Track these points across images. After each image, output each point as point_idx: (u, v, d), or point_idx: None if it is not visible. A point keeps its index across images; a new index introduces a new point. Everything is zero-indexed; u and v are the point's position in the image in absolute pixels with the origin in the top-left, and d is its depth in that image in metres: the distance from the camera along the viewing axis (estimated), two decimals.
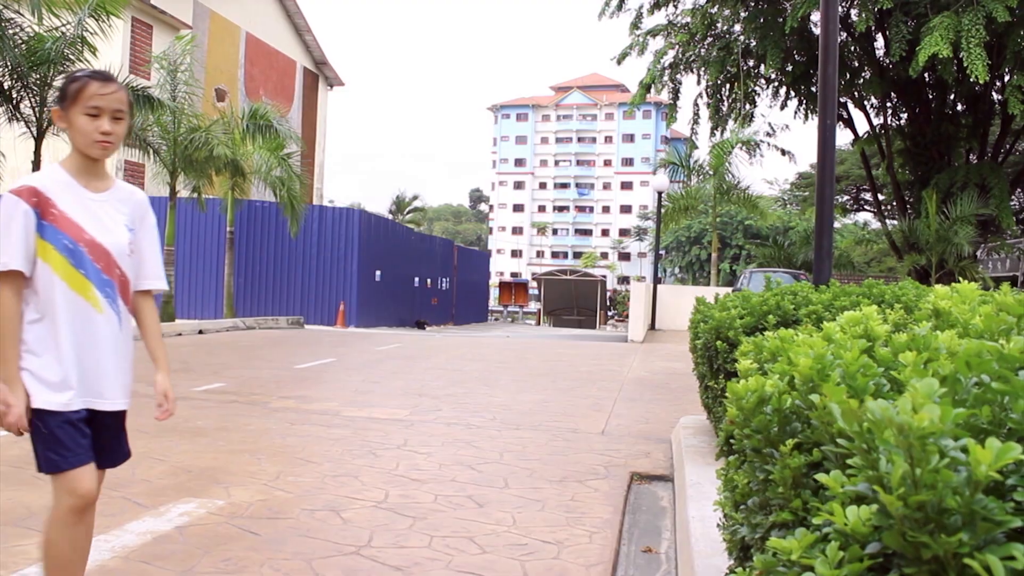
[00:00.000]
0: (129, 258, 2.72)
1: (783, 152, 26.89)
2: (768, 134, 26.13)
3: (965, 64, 15.64)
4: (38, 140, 13.49)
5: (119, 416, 2.79)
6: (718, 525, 2.56)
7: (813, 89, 20.61)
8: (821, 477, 0.98)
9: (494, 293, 55.95)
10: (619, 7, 21.13)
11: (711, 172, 27.09)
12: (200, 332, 17.73)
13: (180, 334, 16.88)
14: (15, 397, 2.53)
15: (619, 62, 22.20)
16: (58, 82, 13.22)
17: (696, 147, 26.61)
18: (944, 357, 1.01)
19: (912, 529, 0.69)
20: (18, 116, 13.34)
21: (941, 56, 15.59)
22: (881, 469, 0.73)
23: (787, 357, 1.62)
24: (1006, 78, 17.50)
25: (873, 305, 1.91)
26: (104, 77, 2.64)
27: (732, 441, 2.33)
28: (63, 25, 13.10)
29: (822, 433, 1.19)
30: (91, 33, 13.27)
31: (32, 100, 13.24)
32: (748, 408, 1.50)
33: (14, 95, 13.10)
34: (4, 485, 4.89)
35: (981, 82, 15.97)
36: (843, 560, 0.85)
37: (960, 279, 1.92)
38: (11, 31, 12.37)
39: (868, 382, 1.21)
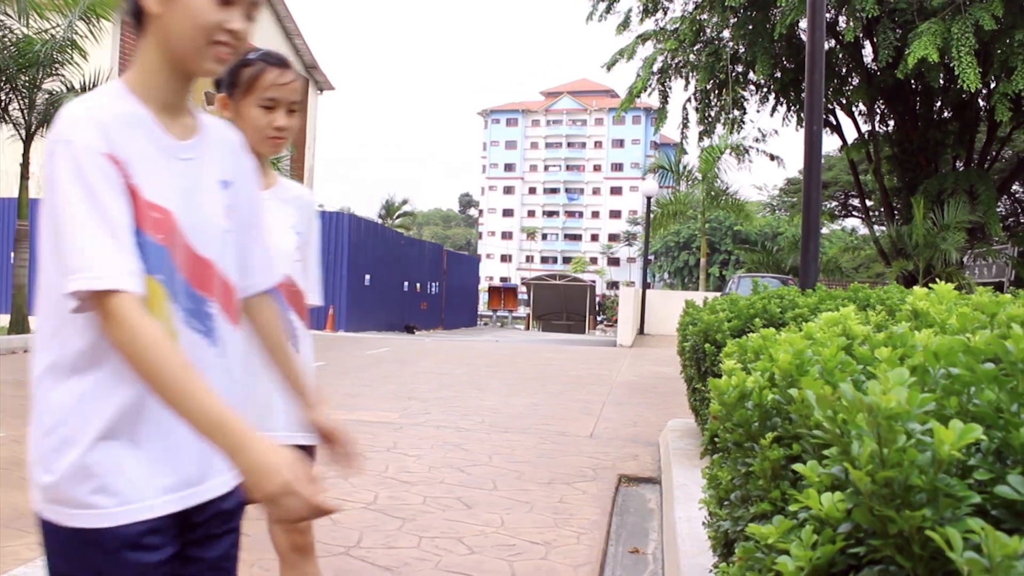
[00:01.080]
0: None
1: (772, 157, 27.04)
2: (757, 139, 26.27)
3: (956, 72, 15.77)
4: (27, 143, 13.45)
5: None
6: (703, 523, 2.60)
7: (802, 95, 20.72)
8: (798, 467, 1.01)
9: (483, 298, 55.99)
10: (607, 10, 21.23)
11: (700, 177, 27.22)
12: None
13: None
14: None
15: (609, 69, 22.28)
16: (48, 84, 13.21)
17: (685, 152, 26.74)
18: (919, 353, 1.05)
19: (879, 504, 0.73)
20: (7, 119, 13.30)
21: (929, 60, 15.73)
22: (853, 452, 0.77)
23: (768, 355, 1.66)
24: (992, 85, 17.64)
25: (851, 305, 1.95)
26: (281, 63, 2.28)
27: (716, 440, 2.37)
28: (53, 28, 13.09)
29: (800, 426, 1.22)
30: (81, 36, 13.26)
31: (21, 103, 13.20)
32: (730, 403, 1.54)
33: (2, 98, 13.07)
34: None
35: (972, 90, 16.10)
36: (817, 543, 0.89)
37: (947, 284, 1.96)
38: (0, 33, 12.36)
39: (846, 377, 1.25)
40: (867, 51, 20.55)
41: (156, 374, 1.28)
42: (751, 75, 21.19)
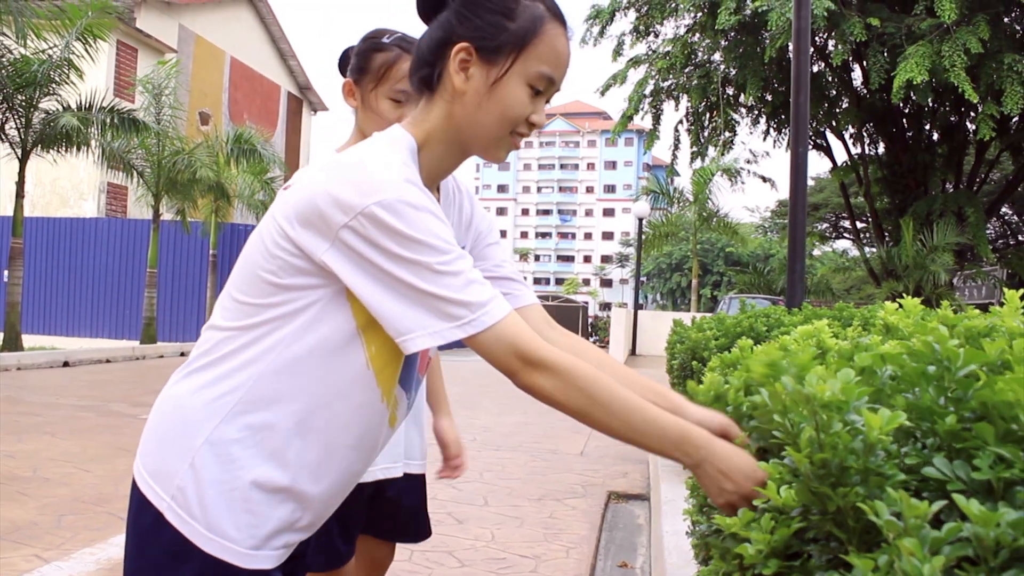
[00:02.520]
0: None
1: (764, 179, 27.25)
2: (749, 161, 26.50)
3: (955, 83, 15.98)
4: (23, 162, 13.55)
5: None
6: (686, 533, 2.68)
7: None
8: (762, 464, 1.10)
9: None
10: (600, 34, 21.46)
11: (692, 199, 27.42)
12: (182, 355, 17.73)
13: (162, 356, 16.90)
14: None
15: (602, 94, 22.48)
16: (44, 104, 13.32)
17: (677, 174, 26.92)
18: (868, 355, 1.13)
19: (816, 483, 0.81)
20: (3, 138, 13.41)
21: (917, 82, 15.95)
22: (800, 439, 0.86)
23: (745, 365, 1.74)
24: (979, 107, 17.88)
25: (825, 320, 2.05)
26: (409, 46, 1.95)
27: None
28: (50, 48, 13.22)
29: (764, 429, 1.30)
30: (78, 56, 13.39)
31: (17, 122, 13.31)
32: (706, 406, 1.62)
33: None
34: None
35: (973, 100, 16.31)
36: (774, 528, 0.97)
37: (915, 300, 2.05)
38: None
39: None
40: (857, 74, 20.80)
41: (604, 409, 1.24)
42: (742, 97, 21.41)
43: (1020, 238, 33.59)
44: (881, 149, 22.78)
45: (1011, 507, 0.69)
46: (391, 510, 2.18)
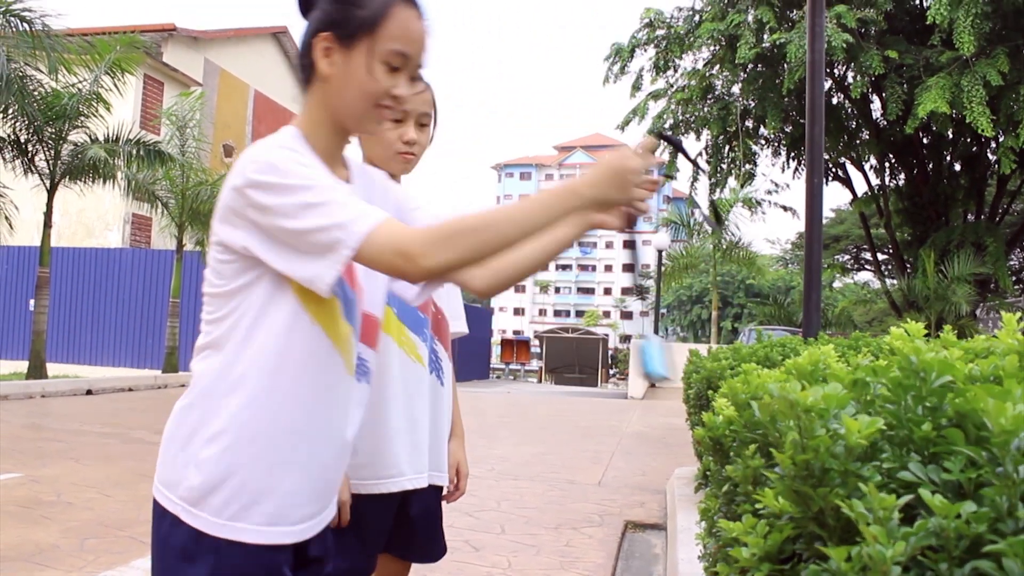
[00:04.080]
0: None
1: (785, 209, 27.19)
2: (769, 192, 26.49)
3: (969, 120, 16.00)
4: (51, 192, 13.80)
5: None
6: (698, 556, 2.71)
7: None
8: (767, 471, 1.15)
9: (496, 351, 55.99)
10: (622, 71, 21.63)
11: (711, 231, 27.40)
12: None
13: (184, 385, 17.00)
14: None
15: (622, 129, 22.62)
16: (73, 136, 13.59)
17: (697, 206, 26.96)
18: (861, 369, 1.18)
19: (799, 484, 0.87)
20: (32, 169, 13.67)
21: (939, 112, 15.99)
22: (784, 442, 0.91)
23: (742, 378, 1.79)
24: (1000, 138, 17.87)
25: (831, 345, 2.09)
26: None
27: (708, 474, 2.49)
28: (80, 81, 13.50)
29: (763, 442, 1.35)
30: (106, 89, 13.67)
31: (47, 154, 13.58)
32: (718, 427, 1.68)
33: (29, 148, 13.45)
34: (14, 523, 5.02)
35: (988, 135, 16.32)
36: (768, 533, 1.02)
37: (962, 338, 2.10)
38: (31, 87, 12.76)
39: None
40: (876, 106, 20.84)
41: (486, 225, 1.34)
42: (762, 129, 21.48)
43: None
44: (901, 180, 22.76)
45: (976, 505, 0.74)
46: (410, 527, 2.19)
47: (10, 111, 12.82)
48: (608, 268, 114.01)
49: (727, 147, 22.52)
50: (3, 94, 12.14)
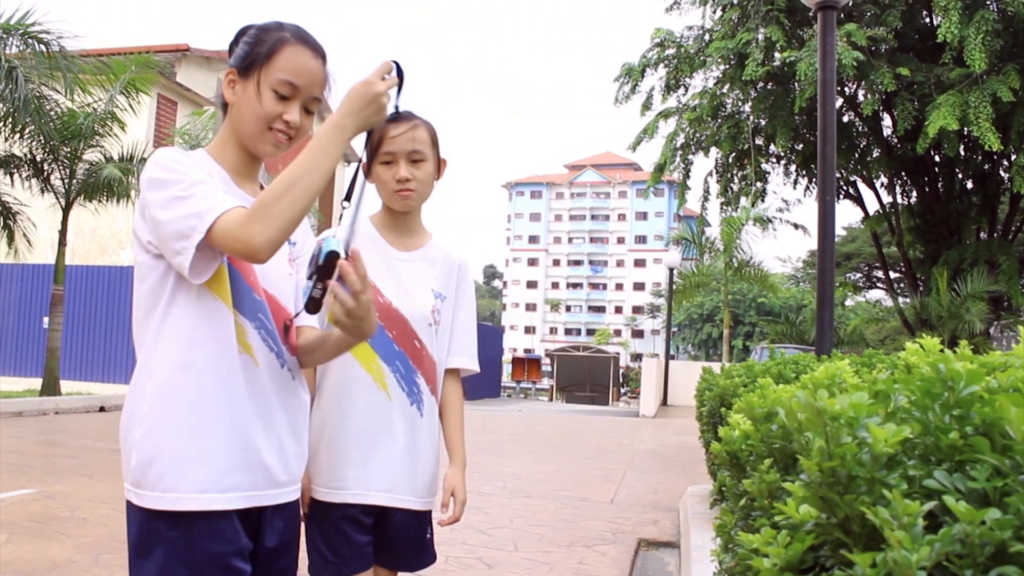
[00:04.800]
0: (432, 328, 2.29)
1: (796, 227, 27.13)
2: (780, 210, 26.46)
3: (976, 135, 15.96)
4: (66, 211, 13.90)
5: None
6: (713, 573, 2.70)
7: None
8: (787, 484, 1.16)
9: (507, 369, 55.92)
10: (632, 90, 21.68)
11: (722, 249, 27.39)
12: None
13: None
14: None
15: (633, 149, 22.62)
16: (88, 155, 13.69)
17: (708, 224, 26.95)
18: (883, 381, 1.19)
19: (825, 490, 0.87)
20: (48, 187, 13.79)
21: (948, 130, 15.95)
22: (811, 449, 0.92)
23: (759, 393, 1.80)
24: (1013, 156, 17.81)
25: (847, 360, 2.10)
26: (395, 117, 2.17)
27: (724, 489, 2.49)
28: (95, 101, 13.63)
29: (781, 455, 1.36)
30: (120, 109, 13.79)
31: (62, 173, 13.69)
32: (735, 442, 1.68)
33: (45, 168, 13.57)
34: (29, 539, 5.04)
35: (995, 151, 16.27)
36: (789, 543, 1.03)
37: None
38: (47, 107, 12.88)
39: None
40: (887, 123, 20.81)
41: (289, 186, 1.54)
42: (772, 147, 21.47)
43: None
44: (913, 198, 22.70)
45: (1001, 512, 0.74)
46: (390, 542, 2.29)
47: (27, 131, 12.93)
48: (619, 286, 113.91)
49: (737, 166, 22.51)
50: (20, 114, 12.26)
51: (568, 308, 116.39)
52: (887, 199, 22.89)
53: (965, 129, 16.44)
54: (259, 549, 1.73)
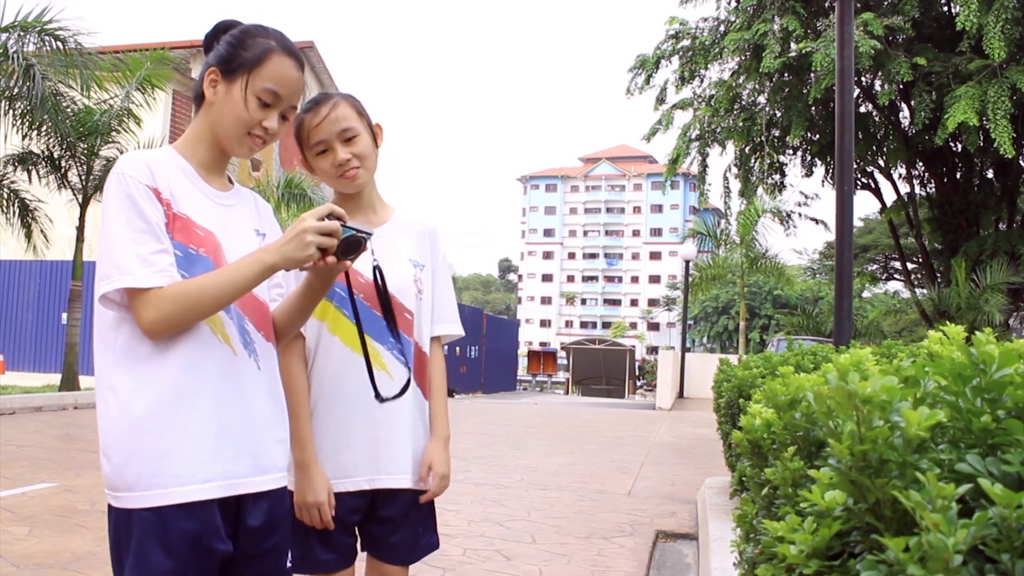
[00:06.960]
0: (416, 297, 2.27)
1: (816, 221, 26.94)
2: (799, 203, 26.27)
3: (992, 136, 15.81)
4: (83, 207, 13.98)
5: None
6: (733, 564, 2.69)
7: None
8: (812, 472, 1.15)
9: (523, 362, 55.98)
10: (646, 81, 21.57)
11: (738, 241, 27.27)
12: None
13: None
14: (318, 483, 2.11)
15: (648, 140, 22.51)
16: (104, 152, 13.76)
17: (725, 216, 26.83)
18: (911, 366, 1.18)
19: (856, 474, 0.86)
20: (66, 184, 13.87)
21: (968, 124, 15.79)
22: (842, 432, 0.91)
23: (781, 381, 1.78)
24: None
25: (869, 349, 2.08)
26: (309, 105, 2.20)
27: (744, 479, 2.48)
28: (111, 98, 13.69)
29: (805, 442, 1.34)
30: (136, 105, 13.85)
31: (79, 169, 13.77)
32: (757, 431, 1.67)
33: (63, 164, 13.64)
34: (51, 532, 5.08)
35: (1009, 156, 16.11)
36: (816, 529, 1.02)
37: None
38: (64, 104, 12.95)
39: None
40: (904, 114, 20.65)
41: (206, 294, 1.63)
42: (787, 139, 21.34)
43: None
44: (931, 189, 22.51)
45: None
46: (382, 530, 2.23)
47: (44, 128, 13.00)
48: (635, 279, 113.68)
49: (753, 158, 22.38)
50: (38, 111, 12.32)
51: (583, 301, 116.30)
52: (904, 189, 22.72)
53: (984, 120, 16.27)
54: (242, 528, 1.74)
